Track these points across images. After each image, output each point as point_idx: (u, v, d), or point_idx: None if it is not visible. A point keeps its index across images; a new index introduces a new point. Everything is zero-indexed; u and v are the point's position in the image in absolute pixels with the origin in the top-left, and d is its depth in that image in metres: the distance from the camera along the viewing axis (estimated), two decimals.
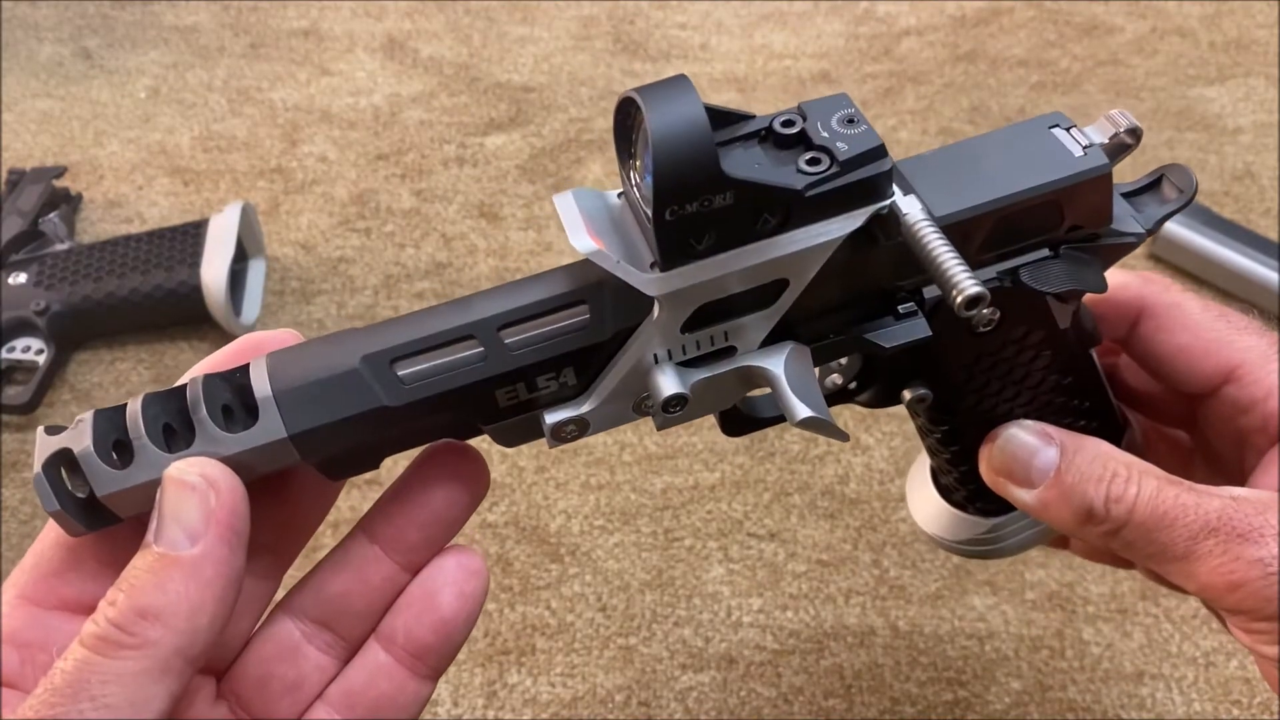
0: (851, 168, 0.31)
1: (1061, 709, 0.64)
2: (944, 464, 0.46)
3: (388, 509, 0.38)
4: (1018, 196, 0.35)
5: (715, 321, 0.34)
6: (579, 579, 0.72)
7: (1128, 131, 0.35)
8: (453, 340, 0.33)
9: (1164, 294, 0.43)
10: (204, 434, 0.32)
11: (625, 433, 0.79)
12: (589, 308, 0.34)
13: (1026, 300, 0.38)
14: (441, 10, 1.25)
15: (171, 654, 0.30)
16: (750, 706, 0.65)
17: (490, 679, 0.67)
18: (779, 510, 0.75)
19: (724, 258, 0.32)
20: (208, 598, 0.31)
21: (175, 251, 0.89)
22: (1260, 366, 0.41)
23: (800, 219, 0.32)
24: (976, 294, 0.29)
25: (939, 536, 0.49)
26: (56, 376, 0.87)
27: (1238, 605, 0.36)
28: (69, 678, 0.29)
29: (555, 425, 0.35)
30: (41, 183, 0.97)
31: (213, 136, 1.09)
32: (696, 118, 0.29)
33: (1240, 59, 1.12)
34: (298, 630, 0.37)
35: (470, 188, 1.02)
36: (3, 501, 0.77)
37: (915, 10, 1.21)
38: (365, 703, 0.37)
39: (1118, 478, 0.37)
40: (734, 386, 0.36)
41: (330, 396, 0.33)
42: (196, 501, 0.31)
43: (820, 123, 0.32)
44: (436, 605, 0.37)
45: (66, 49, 1.21)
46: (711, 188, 0.30)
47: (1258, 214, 0.95)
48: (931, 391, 0.41)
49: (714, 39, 1.20)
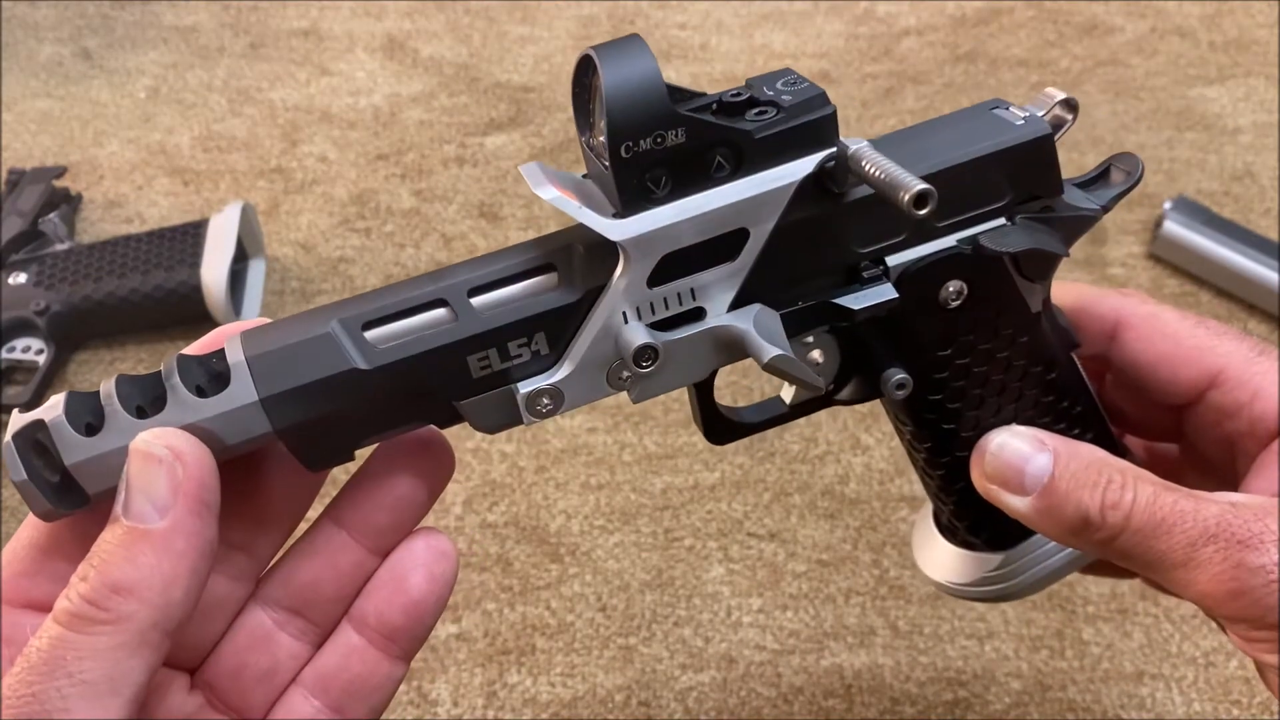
0: (796, 113, 0.34)
1: (1061, 709, 0.64)
2: (939, 490, 0.45)
3: (353, 494, 0.38)
4: (964, 158, 0.37)
5: (680, 275, 0.35)
6: (579, 579, 0.72)
7: (1061, 104, 0.37)
8: (424, 305, 0.34)
9: (1141, 305, 0.43)
10: (175, 400, 0.32)
11: (625, 432, 0.79)
12: (558, 272, 0.35)
13: (990, 270, 0.38)
14: (441, 10, 1.25)
15: (147, 627, 0.30)
16: (750, 706, 0.65)
17: (490, 679, 0.67)
18: (779, 510, 0.75)
19: (682, 203, 0.33)
20: (180, 570, 0.30)
21: (175, 251, 0.89)
22: (1243, 370, 0.40)
23: (752, 164, 0.34)
24: (923, 189, 0.30)
25: (950, 583, 0.47)
26: (56, 376, 0.87)
27: (1238, 614, 0.35)
28: (45, 655, 0.29)
29: (530, 396, 0.35)
30: (41, 183, 0.97)
31: (213, 136, 1.09)
32: (648, 62, 0.31)
33: (1240, 59, 1.12)
34: (269, 619, 0.37)
35: (470, 188, 1.02)
36: (2, 502, 0.77)
37: (915, 10, 1.21)
38: (339, 684, 0.37)
39: (1113, 484, 0.37)
40: (706, 353, 0.37)
41: (302, 360, 0.33)
42: (164, 473, 0.31)
43: (765, 86, 0.35)
44: (407, 588, 0.37)
45: (66, 49, 1.21)
46: (664, 123, 0.32)
47: (1258, 214, 0.95)
48: (910, 376, 0.40)
49: (714, 39, 1.20)
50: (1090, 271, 0.91)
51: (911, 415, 0.43)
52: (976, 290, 0.38)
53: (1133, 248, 0.93)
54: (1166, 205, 0.90)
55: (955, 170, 0.36)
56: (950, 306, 0.39)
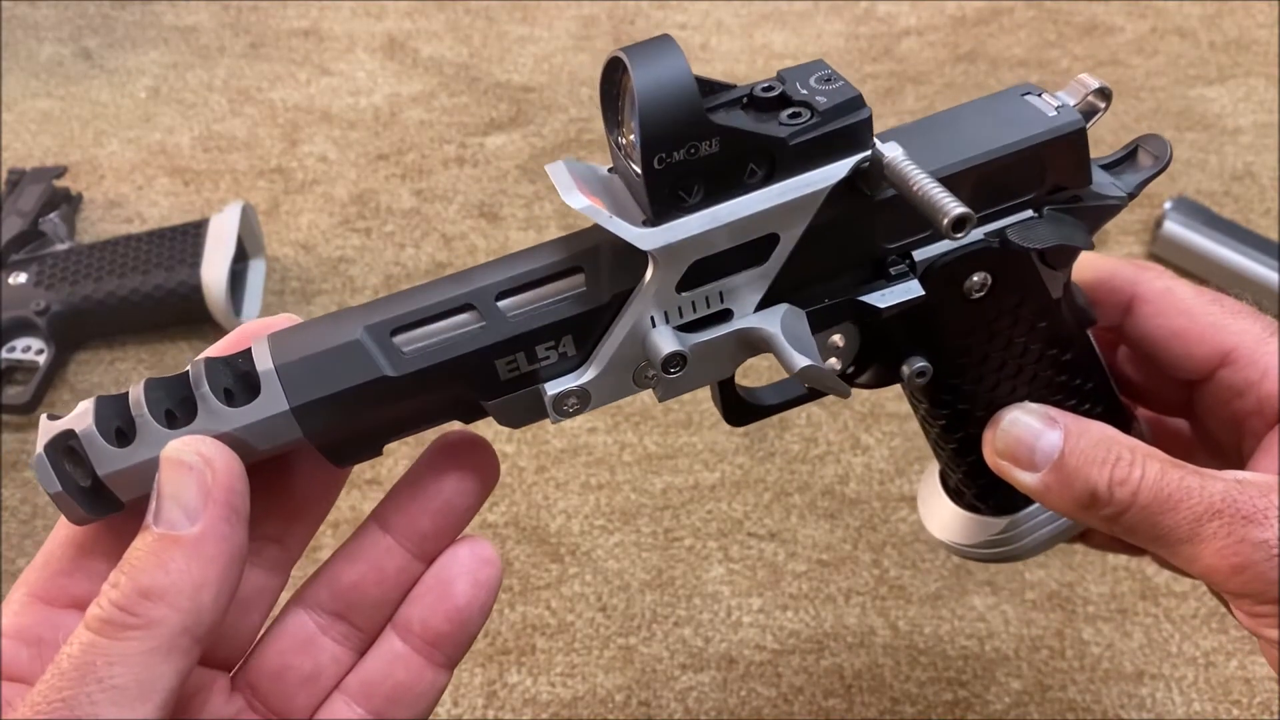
0: (831, 117, 0.33)
1: (1061, 709, 0.64)
2: (950, 460, 0.46)
3: (399, 499, 0.38)
4: (998, 153, 0.36)
5: (709, 280, 0.34)
6: (579, 579, 0.72)
7: (1096, 92, 0.37)
8: (451, 310, 0.34)
9: (1157, 280, 0.43)
10: (206, 409, 0.32)
11: (625, 432, 0.79)
12: (585, 274, 0.34)
13: (1016, 263, 0.38)
14: (441, 10, 1.25)
15: (178, 633, 0.30)
16: (750, 706, 0.65)
17: (490, 679, 0.67)
18: (779, 510, 0.75)
19: (713, 211, 0.33)
20: (210, 575, 0.31)
21: (175, 251, 0.89)
22: (1255, 349, 0.40)
23: (786, 170, 0.33)
24: (962, 214, 0.30)
25: (954, 543, 0.49)
26: (56, 376, 0.87)
27: (1242, 588, 0.35)
28: (75, 661, 0.29)
29: (557, 397, 0.35)
30: (41, 183, 0.97)
31: (213, 136, 1.09)
32: (680, 67, 0.30)
33: (1240, 59, 1.12)
34: (313, 622, 0.37)
35: (470, 188, 1.02)
36: (3, 502, 0.77)
37: (915, 10, 1.21)
38: (383, 692, 0.37)
39: (1121, 461, 0.37)
40: (732, 352, 0.37)
41: (332, 368, 0.33)
42: (194, 480, 0.31)
43: (799, 83, 0.34)
44: (452, 594, 0.37)
45: (66, 49, 1.21)
46: (697, 133, 0.31)
47: (1258, 214, 0.95)
48: (930, 364, 0.40)
49: (714, 39, 1.20)
50: None
51: (929, 397, 0.43)
52: (1000, 281, 0.38)
53: (1133, 248, 0.93)
54: (1166, 205, 0.90)
55: (986, 166, 0.36)
56: (974, 297, 0.39)
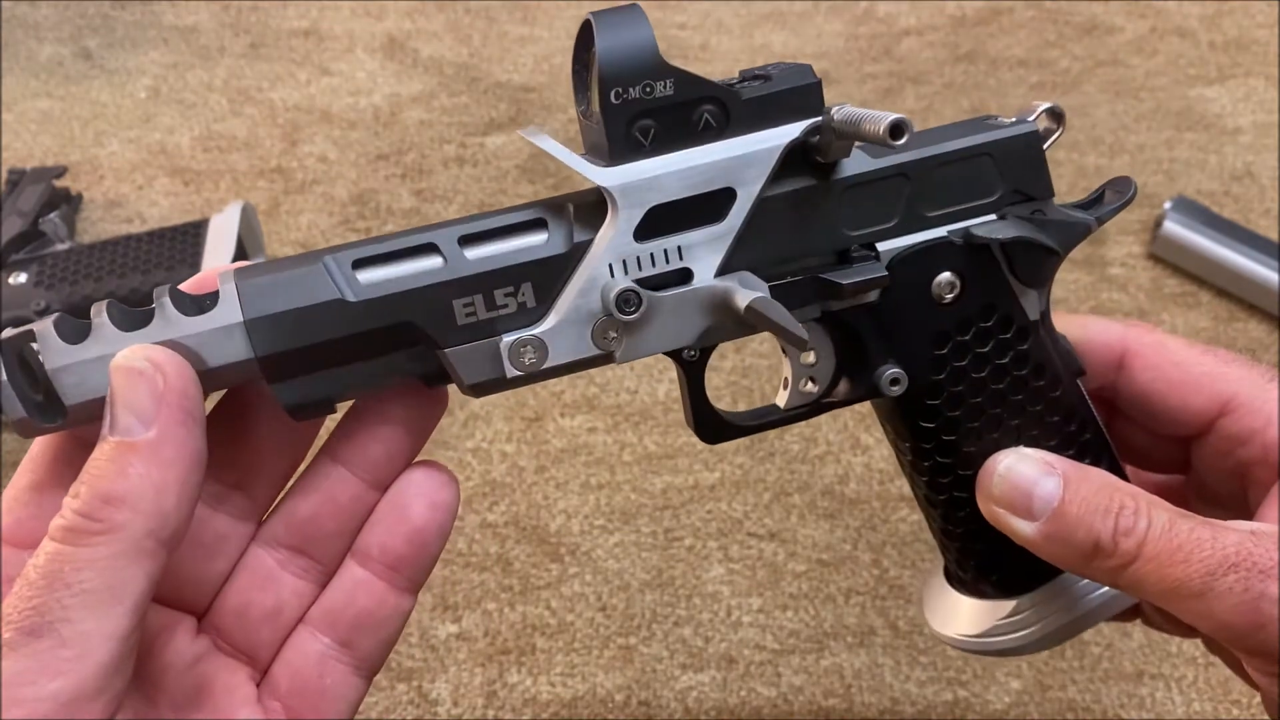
0: (784, 80, 0.36)
1: (1061, 709, 0.64)
2: (942, 522, 0.44)
3: (347, 428, 0.38)
4: (956, 148, 0.38)
5: (668, 231, 0.36)
6: (579, 579, 0.72)
7: (1046, 111, 0.39)
8: (414, 250, 0.35)
9: (1147, 334, 0.42)
10: (162, 316, 0.33)
11: (625, 432, 0.79)
12: (549, 227, 0.36)
13: (983, 265, 0.39)
14: (441, 10, 1.25)
15: (142, 536, 0.30)
16: (750, 706, 0.65)
17: (490, 679, 0.67)
18: (779, 510, 0.75)
19: (669, 156, 0.35)
20: (170, 478, 0.31)
21: (175, 251, 0.89)
22: (1255, 396, 0.40)
23: (740, 126, 0.36)
24: (898, 118, 0.32)
25: (960, 635, 0.45)
26: None
27: (1259, 646, 0.34)
28: (42, 571, 0.29)
29: (513, 344, 0.35)
30: (41, 183, 0.97)
31: (213, 136, 1.09)
32: (640, 19, 0.34)
33: (1240, 59, 1.12)
34: (271, 558, 0.37)
35: (470, 188, 1.02)
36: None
37: (915, 10, 1.21)
38: (347, 619, 0.37)
39: (1125, 509, 0.35)
40: (691, 313, 0.37)
41: (290, 288, 0.34)
42: (145, 386, 0.31)
43: (757, 71, 0.37)
44: (408, 516, 0.37)
45: (66, 49, 1.21)
46: (653, 72, 0.34)
47: (1258, 214, 0.95)
48: (905, 370, 0.40)
49: (714, 39, 1.20)
50: (1090, 272, 0.91)
51: (909, 424, 0.42)
52: (970, 286, 0.39)
53: (1133, 248, 0.93)
54: (1166, 205, 0.90)
55: (944, 157, 0.38)
56: (944, 301, 0.39)
